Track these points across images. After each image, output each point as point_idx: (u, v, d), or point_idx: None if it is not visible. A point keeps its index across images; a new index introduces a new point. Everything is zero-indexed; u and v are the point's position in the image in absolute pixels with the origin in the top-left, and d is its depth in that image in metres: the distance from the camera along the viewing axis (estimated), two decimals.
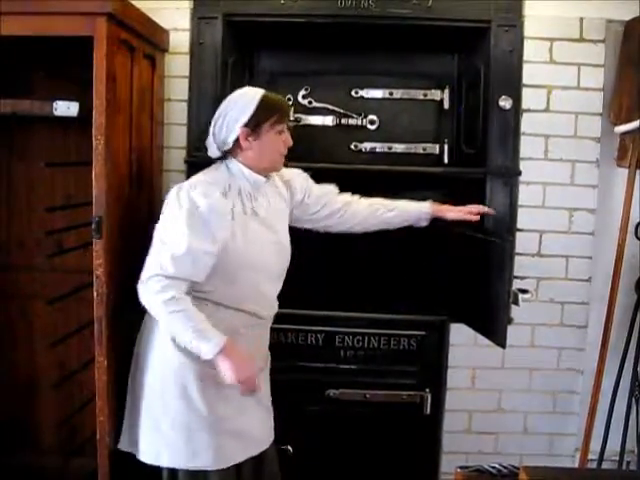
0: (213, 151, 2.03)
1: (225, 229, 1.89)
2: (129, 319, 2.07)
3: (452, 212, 2.28)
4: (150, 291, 1.85)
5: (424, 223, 2.27)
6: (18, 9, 1.97)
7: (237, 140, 1.97)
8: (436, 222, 2.28)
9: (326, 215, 2.23)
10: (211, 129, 2.00)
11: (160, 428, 1.98)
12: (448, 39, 2.60)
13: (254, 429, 2.05)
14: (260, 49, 2.74)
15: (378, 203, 2.26)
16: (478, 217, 2.29)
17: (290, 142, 2.03)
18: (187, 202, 1.86)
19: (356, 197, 2.26)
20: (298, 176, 2.20)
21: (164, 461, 1.99)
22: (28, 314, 2.63)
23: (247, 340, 2.00)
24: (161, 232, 1.89)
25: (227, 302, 1.97)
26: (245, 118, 1.94)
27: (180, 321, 1.84)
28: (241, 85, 2.14)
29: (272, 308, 2.10)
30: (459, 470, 2.53)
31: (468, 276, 2.42)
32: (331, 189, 2.24)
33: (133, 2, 2.19)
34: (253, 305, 2.01)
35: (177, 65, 2.55)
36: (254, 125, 1.95)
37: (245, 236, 1.94)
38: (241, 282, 1.96)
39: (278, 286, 2.10)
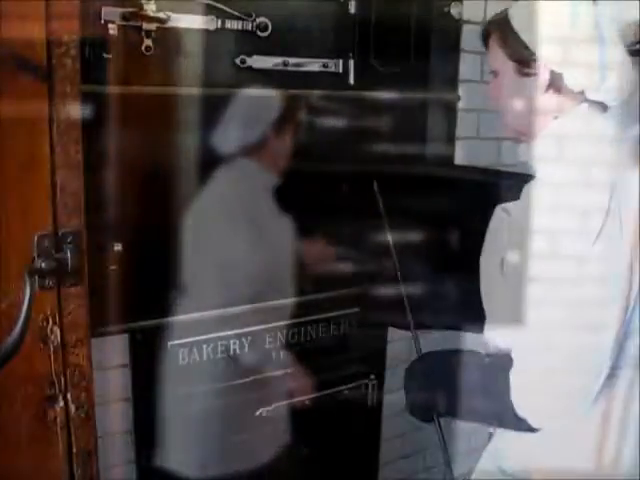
0: (227, 153, 2.03)
1: (249, 228, 1.89)
2: None
3: None
4: None
5: None
6: (21, 12, 1.95)
7: (251, 142, 1.97)
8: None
9: None
10: (221, 134, 2.00)
11: None
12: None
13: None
14: None
15: None
16: None
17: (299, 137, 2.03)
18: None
19: None
20: None
21: None
22: None
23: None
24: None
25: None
26: (259, 119, 1.95)
27: None
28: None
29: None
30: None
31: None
32: None
33: (143, 3, 2.19)
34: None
35: (189, 66, 2.53)
36: (271, 124, 1.95)
37: (260, 233, 1.94)
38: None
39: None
